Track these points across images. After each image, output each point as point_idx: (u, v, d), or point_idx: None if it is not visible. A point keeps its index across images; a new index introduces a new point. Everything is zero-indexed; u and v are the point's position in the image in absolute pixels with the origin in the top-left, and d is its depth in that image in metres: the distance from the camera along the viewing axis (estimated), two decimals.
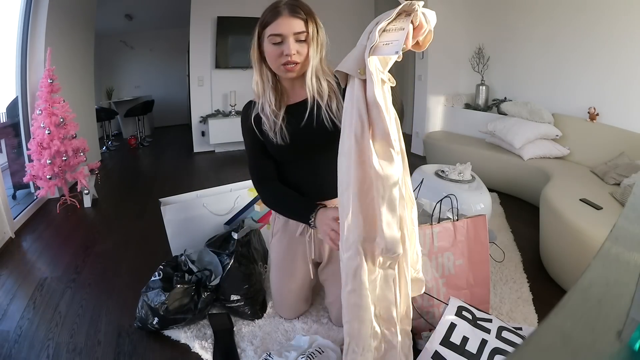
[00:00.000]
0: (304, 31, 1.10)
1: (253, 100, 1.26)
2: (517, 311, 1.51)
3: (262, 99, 1.20)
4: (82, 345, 1.37)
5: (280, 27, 1.09)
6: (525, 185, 2.74)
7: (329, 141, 1.20)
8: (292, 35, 1.09)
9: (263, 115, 1.20)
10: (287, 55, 1.09)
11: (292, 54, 1.09)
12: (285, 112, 1.20)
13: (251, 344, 1.34)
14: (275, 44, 1.10)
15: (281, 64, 1.11)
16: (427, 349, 1.04)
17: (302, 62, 1.13)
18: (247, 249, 1.57)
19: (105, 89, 6.25)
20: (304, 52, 1.12)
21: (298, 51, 1.11)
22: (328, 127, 1.16)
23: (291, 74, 1.14)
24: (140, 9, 5.73)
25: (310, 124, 1.18)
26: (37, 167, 2.61)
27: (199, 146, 4.74)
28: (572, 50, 3.02)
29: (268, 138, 1.21)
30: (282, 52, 1.10)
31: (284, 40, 1.10)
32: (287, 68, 1.12)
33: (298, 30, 1.09)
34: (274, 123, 1.18)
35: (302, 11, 1.11)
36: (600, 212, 1.72)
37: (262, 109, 1.20)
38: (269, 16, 1.12)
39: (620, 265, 0.43)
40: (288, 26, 1.09)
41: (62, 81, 2.77)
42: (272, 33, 1.10)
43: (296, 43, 1.10)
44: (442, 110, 4.14)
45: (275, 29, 1.09)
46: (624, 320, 0.32)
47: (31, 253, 2.16)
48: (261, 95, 1.20)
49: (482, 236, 1.39)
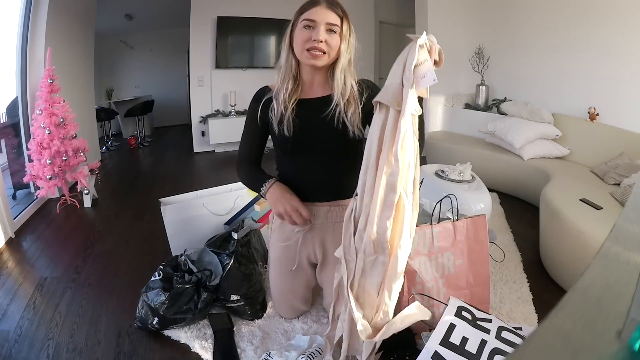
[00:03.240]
0: (337, 25, 1.13)
1: (268, 86, 1.29)
2: (517, 311, 1.51)
3: (280, 85, 1.22)
4: (82, 345, 1.37)
5: (315, 14, 1.13)
6: (525, 185, 2.74)
7: (333, 142, 1.20)
8: (325, 24, 1.12)
9: (275, 101, 1.21)
10: (314, 41, 1.12)
11: (320, 40, 1.11)
12: (296, 105, 1.21)
13: (251, 344, 1.34)
14: (306, 28, 1.13)
15: (306, 48, 1.13)
16: (426, 349, 1.04)
17: (328, 54, 1.15)
18: (247, 249, 1.57)
19: (105, 89, 6.25)
20: (332, 44, 1.14)
21: (327, 41, 1.13)
22: (337, 128, 1.17)
23: (313, 61, 1.15)
24: (140, 9, 5.73)
25: (320, 121, 1.19)
26: (37, 167, 2.61)
27: (199, 146, 4.74)
28: (572, 50, 3.02)
29: (272, 126, 1.23)
30: (310, 37, 1.13)
31: (315, 26, 1.12)
32: (311, 54, 1.13)
33: (331, 22, 1.13)
34: (283, 112, 1.20)
35: (339, 8, 1.15)
36: (600, 212, 1.72)
37: (276, 95, 1.22)
38: (307, 4, 1.15)
39: (620, 265, 0.43)
40: (322, 15, 1.13)
41: (62, 81, 2.77)
42: (306, 18, 1.13)
43: (326, 33, 1.13)
44: (442, 110, 4.13)
45: (310, 15, 1.13)
46: (624, 320, 0.32)
47: (31, 253, 2.16)
48: (280, 82, 1.22)
49: (482, 236, 1.39)
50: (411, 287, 1.31)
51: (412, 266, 1.30)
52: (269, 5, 4.54)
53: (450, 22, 3.94)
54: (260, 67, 4.72)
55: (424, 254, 1.33)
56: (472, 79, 3.92)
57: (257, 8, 4.54)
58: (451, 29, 3.94)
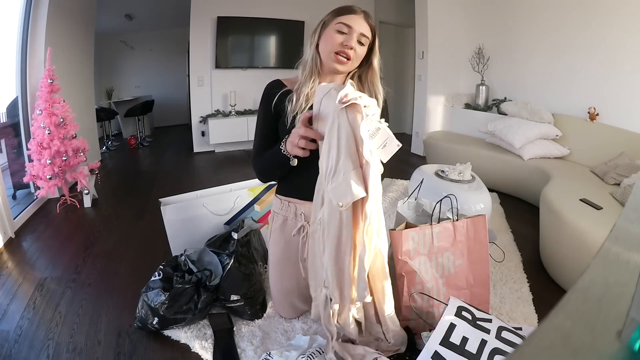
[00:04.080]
0: (368, 37, 1.18)
1: (280, 80, 1.30)
2: (517, 311, 1.51)
3: (304, 80, 1.22)
4: (82, 345, 1.37)
5: (353, 21, 1.16)
6: (525, 185, 2.74)
7: None
8: (359, 33, 1.16)
9: (295, 94, 1.21)
10: (345, 46, 1.15)
11: (351, 47, 1.15)
12: None
13: (251, 344, 1.34)
14: (340, 32, 1.16)
15: (335, 51, 1.16)
16: (426, 349, 1.04)
17: (352, 62, 1.18)
18: (247, 249, 1.57)
19: (105, 89, 6.25)
20: (359, 53, 1.18)
21: (355, 49, 1.17)
22: None
23: (339, 65, 1.17)
24: (140, 9, 5.73)
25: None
26: (37, 167, 2.61)
27: (199, 146, 4.74)
28: (572, 50, 3.02)
29: (283, 120, 1.23)
30: (342, 41, 1.15)
31: (350, 33, 1.15)
32: (338, 58, 1.16)
33: (365, 33, 1.17)
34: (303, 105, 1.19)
35: (372, 23, 1.20)
36: (600, 212, 1.72)
37: (298, 89, 1.22)
38: (345, 10, 1.18)
39: (620, 265, 0.43)
40: (359, 23, 1.16)
41: (62, 81, 2.77)
42: (343, 22, 1.16)
43: (357, 43, 1.17)
44: (442, 110, 4.14)
45: (348, 20, 1.16)
46: (624, 320, 0.32)
47: (31, 253, 2.16)
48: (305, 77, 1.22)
49: (482, 236, 1.39)
50: (411, 287, 1.31)
51: (412, 266, 1.30)
52: (269, 5, 4.54)
53: (450, 22, 3.94)
54: (260, 67, 4.72)
55: (424, 254, 1.33)
56: (472, 79, 3.92)
57: (257, 8, 4.55)
58: (451, 29, 3.94)
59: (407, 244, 1.30)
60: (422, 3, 3.93)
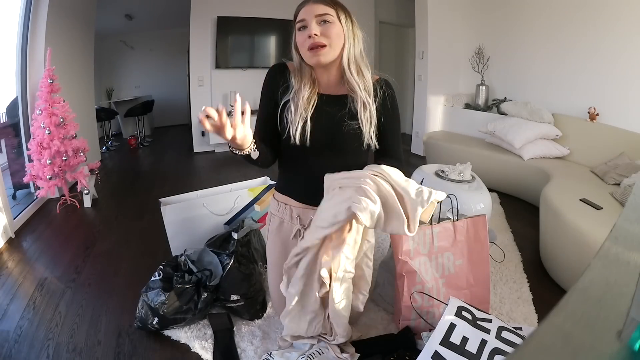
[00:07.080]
0: (328, 13, 1.10)
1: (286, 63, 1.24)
2: (517, 311, 1.51)
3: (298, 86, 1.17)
4: (82, 345, 1.37)
5: (304, 13, 1.12)
6: (525, 185, 2.74)
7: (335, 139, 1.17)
8: (314, 18, 1.09)
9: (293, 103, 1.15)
10: (310, 38, 1.09)
11: (314, 34, 1.08)
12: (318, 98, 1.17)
13: (251, 344, 1.34)
14: (301, 30, 1.12)
15: (308, 48, 1.11)
16: (426, 349, 1.04)
17: (329, 45, 1.10)
18: (247, 249, 1.57)
19: (105, 89, 6.25)
20: (330, 33, 1.09)
21: (323, 32, 1.09)
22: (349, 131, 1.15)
23: (317, 58, 1.11)
24: (140, 9, 5.73)
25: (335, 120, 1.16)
26: (37, 167, 2.61)
27: (199, 146, 4.74)
28: (572, 50, 3.02)
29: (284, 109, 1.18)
30: (307, 36, 1.10)
31: (307, 23, 1.11)
32: (312, 52, 1.10)
33: (320, 12, 1.09)
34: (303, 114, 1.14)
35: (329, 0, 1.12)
36: (600, 212, 1.72)
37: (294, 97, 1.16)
38: (298, 6, 1.14)
39: (620, 265, 0.43)
40: (310, 10, 1.11)
41: (62, 81, 2.77)
42: (299, 19, 1.12)
43: (319, 25, 1.10)
44: (442, 110, 4.14)
45: (300, 15, 1.12)
46: (624, 320, 0.32)
47: (31, 253, 2.16)
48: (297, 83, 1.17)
49: (482, 236, 1.39)
50: (411, 287, 1.31)
51: (412, 266, 1.30)
52: (269, 5, 4.54)
53: (450, 22, 3.94)
54: (260, 67, 4.72)
55: (424, 254, 1.33)
56: (472, 79, 3.92)
57: (257, 8, 4.54)
58: (451, 29, 3.94)
59: (407, 244, 1.30)
60: (422, 3, 3.93)
